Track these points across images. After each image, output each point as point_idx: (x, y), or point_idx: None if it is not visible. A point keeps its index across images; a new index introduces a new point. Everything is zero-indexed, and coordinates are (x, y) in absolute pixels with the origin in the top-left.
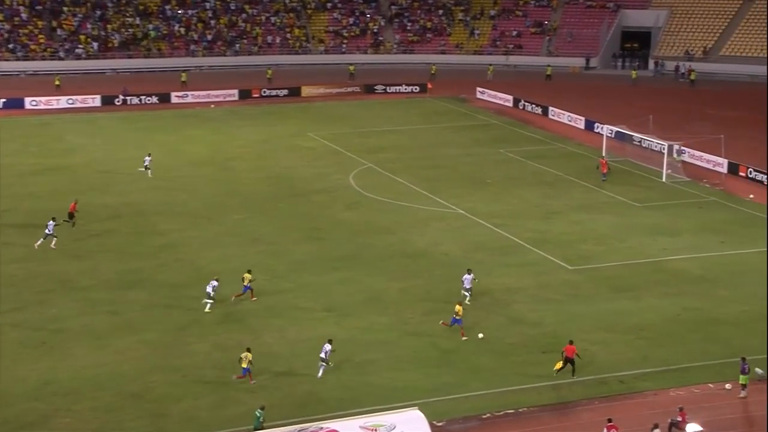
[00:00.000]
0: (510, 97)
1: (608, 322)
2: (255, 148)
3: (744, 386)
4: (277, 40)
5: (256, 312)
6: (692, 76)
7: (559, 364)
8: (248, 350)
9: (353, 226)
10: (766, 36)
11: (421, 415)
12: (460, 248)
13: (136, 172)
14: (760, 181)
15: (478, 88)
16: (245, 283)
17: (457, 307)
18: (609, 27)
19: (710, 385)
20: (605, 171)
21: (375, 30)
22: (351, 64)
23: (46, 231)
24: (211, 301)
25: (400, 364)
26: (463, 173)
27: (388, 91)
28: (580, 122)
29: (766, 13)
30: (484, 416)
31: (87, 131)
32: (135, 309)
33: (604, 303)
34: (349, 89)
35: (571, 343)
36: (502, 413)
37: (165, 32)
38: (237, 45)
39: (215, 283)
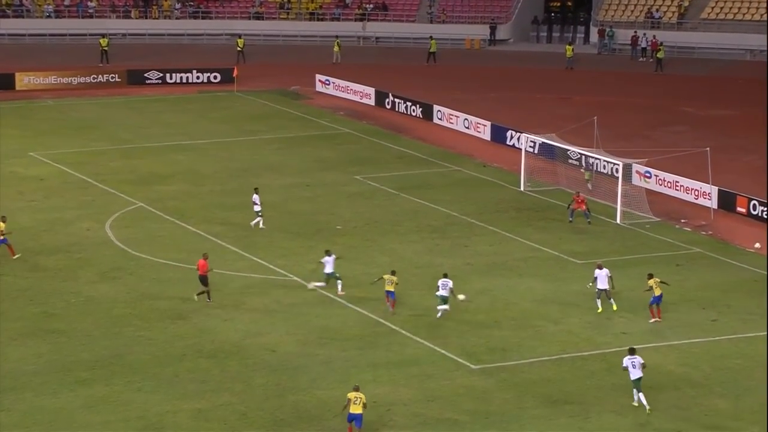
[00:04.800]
0: (371, 90)
1: None
2: None
3: None
4: None
5: None
6: (659, 54)
7: None
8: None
9: (113, 308)
10: None
11: None
12: (296, 339)
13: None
14: None
15: (319, 76)
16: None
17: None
18: None
19: None
20: (580, 208)
21: None
22: (103, 36)
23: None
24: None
25: None
26: (299, 215)
27: (169, 81)
28: (483, 129)
29: None
30: None
31: None
32: None
33: (529, 424)
34: (103, 78)
35: None
36: None
37: None
38: None
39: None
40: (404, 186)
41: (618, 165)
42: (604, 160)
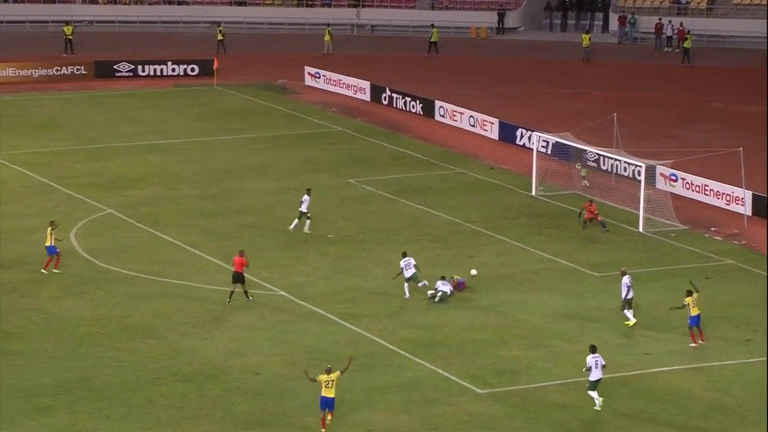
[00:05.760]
0: (366, 84)
1: None
2: None
3: None
4: None
5: None
6: (686, 43)
7: None
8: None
9: (79, 327)
10: None
11: None
12: (283, 360)
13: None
14: None
15: (309, 69)
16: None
17: None
18: None
19: None
20: (592, 218)
21: None
22: (67, 23)
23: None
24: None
25: None
26: (286, 223)
27: (142, 73)
28: (490, 128)
29: None
30: None
31: None
32: None
33: None
34: (67, 70)
35: None
36: None
37: None
38: None
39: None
40: (403, 190)
41: (640, 167)
42: (625, 162)
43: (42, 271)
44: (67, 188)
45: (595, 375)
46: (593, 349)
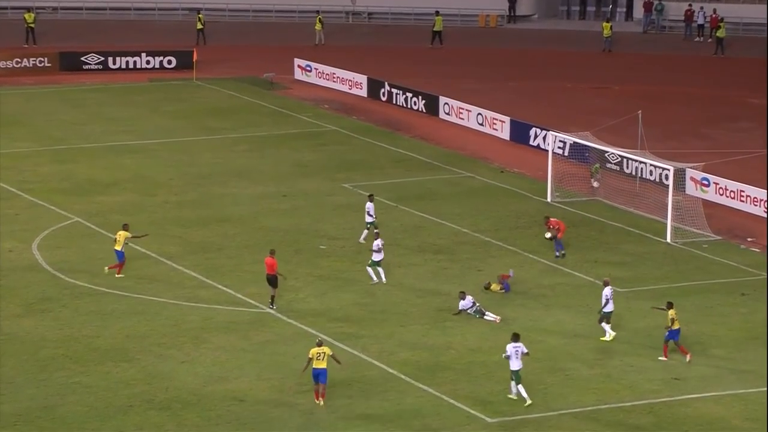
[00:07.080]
0: (362, 79)
1: None
2: None
3: None
4: None
5: None
6: (720, 32)
7: None
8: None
9: (41, 349)
10: None
11: None
12: (271, 386)
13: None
14: None
15: (298, 61)
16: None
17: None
18: None
19: None
20: (555, 234)
21: None
22: (29, 10)
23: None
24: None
25: None
26: (273, 233)
27: (112, 66)
28: (501, 127)
29: None
30: None
31: None
32: None
33: None
34: (29, 62)
35: None
36: None
37: None
38: None
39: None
40: (403, 196)
41: (668, 170)
42: (651, 164)
43: (105, 269)
44: (29, 194)
45: (515, 365)
46: (516, 338)
